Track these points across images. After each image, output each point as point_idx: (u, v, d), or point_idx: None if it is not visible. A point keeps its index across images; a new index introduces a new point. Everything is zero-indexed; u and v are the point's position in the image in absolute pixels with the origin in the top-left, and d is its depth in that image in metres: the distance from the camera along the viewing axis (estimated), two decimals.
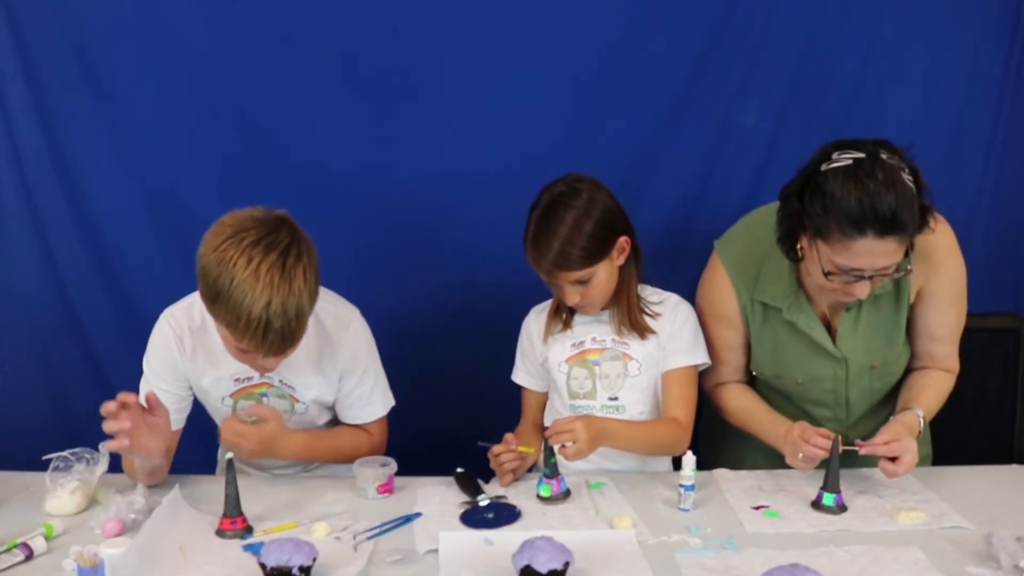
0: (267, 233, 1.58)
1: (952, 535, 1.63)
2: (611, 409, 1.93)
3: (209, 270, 1.57)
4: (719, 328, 1.96)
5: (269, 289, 1.53)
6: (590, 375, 1.94)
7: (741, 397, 1.98)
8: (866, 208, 1.59)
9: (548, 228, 1.81)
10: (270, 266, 1.54)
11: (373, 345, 1.92)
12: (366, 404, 1.93)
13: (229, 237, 1.57)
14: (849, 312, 1.87)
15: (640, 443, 1.91)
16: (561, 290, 1.87)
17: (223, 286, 1.54)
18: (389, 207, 2.43)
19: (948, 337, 1.92)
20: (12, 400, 2.48)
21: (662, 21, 2.36)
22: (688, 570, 1.51)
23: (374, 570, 1.52)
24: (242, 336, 1.58)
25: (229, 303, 1.55)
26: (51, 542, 1.58)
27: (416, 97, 2.37)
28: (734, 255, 1.92)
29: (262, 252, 1.55)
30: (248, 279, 1.53)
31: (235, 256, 1.54)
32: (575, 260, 1.81)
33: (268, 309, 1.54)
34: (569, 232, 1.79)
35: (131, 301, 2.46)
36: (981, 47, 2.40)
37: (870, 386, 1.94)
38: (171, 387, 1.83)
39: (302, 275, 1.58)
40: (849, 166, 1.63)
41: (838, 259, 1.66)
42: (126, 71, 2.34)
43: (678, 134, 2.43)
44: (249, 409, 1.78)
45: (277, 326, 1.56)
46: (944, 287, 1.86)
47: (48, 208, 2.40)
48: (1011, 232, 2.50)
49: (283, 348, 1.62)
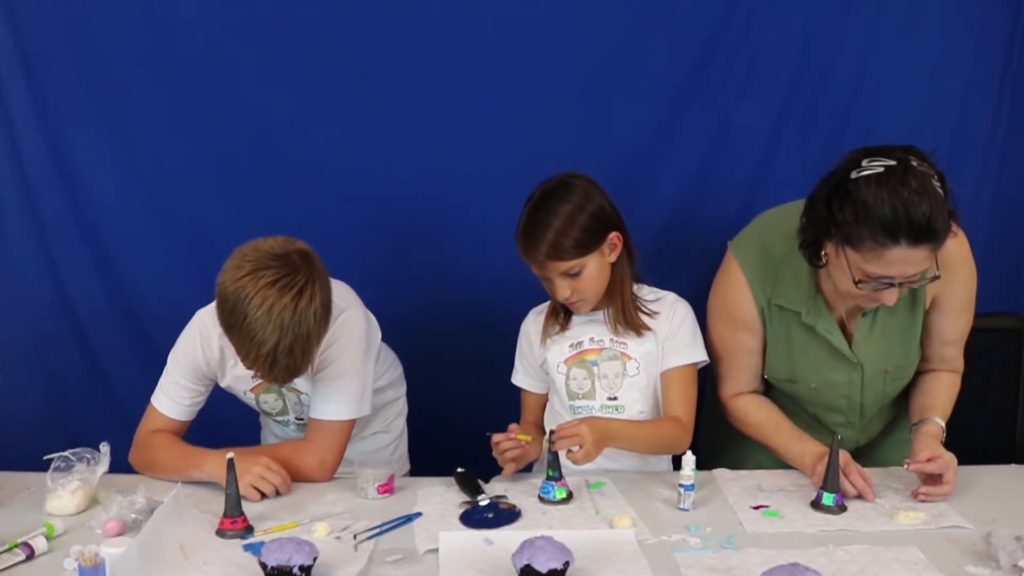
0: (284, 274, 1.63)
1: (951, 535, 1.63)
2: (610, 409, 1.94)
3: (226, 299, 1.63)
4: (737, 333, 1.93)
5: (279, 331, 1.60)
6: (589, 375, 1.94)
7: (763, 409, 1.96)
8: (900, 217, 1.57)
9: (540, 219, 1.83)
10: (282, 308, 1.60)
11: (360, 346, 1.88)
12: (324, 400, 1.87)
13: (248, 273, 1.62)
14: (865, 317, 1.86)
15: (643, 443, 1.91)
16: (551, 283, 1.87)
17: (237, 319, 1.61)
18: (389, 206, 2.43)
19: (959, 340, 1.93)
20: (13, 400, 2.48)
21: (662, 21, 2.36)
22: (688, 570, 1.51)
23: (374, 570, 1.52)
24: (250, 365, 1.67)
25: (240, 336, 1.62)
26: (52, 542, 1.58)
27: (416, 97, 2.37)
28: (752, 257, 1.90)
29: (276, 294, 1.60)
30: (260, 318, 1.59)
31: (251, 294, 1.60)
32: (566, 250, 1.82)
33: (276, 349, 1.61)
34: (562, 223, 1.82)
35: (131, 301, 2.46)
36: (980, 48, 2.40)
37: (883, 390, 1.94)
38: (188, 383, 1.89)
39: (313, 316, 1.63)
40: (881, 174, 1.61)
41: (869, 267, 1.64)
42: (127, 71, 2.34)
43: (678, 134, 2.43)
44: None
45: (283, 364, 1.63)
46: (960, 295, 1.86)
47: (48, 208, 2.40)
48: (1011, 232, 2.50)
49: (287, 380, 1.70)
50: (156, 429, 1.90)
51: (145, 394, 1.93)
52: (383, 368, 2.07)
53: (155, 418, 1.91)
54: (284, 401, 1.96)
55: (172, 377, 1.90)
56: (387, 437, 2.15)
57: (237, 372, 1.88)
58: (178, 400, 1.90)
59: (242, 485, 1.67)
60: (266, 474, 1.77)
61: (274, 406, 1.97)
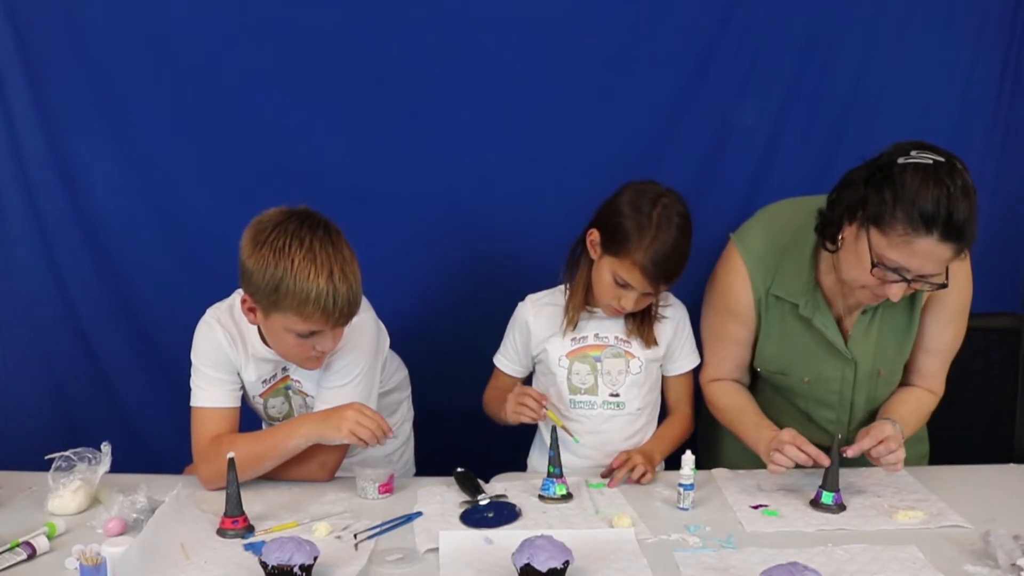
0: (305, 219, 1.68)
1: (950, 534, 1.64)
2: (612, 405, 1.95)
3: (262, 264, 1.65)
4: (728, 322, 1.95)
5: (328, 261, 1.64)
6: (592, 371, 1.95)
7: (735, 396, 1.98)
8: (942, 209, 1.58)
9: (676, 245, 1.83)
10: (321, 242, 1.65)
11: (369, 349, 1.87)
12: (328, 401, 1.84)
13: (273, 230, 1.66)
14: (864, 315, 1.86)
15: (669, 449, 1.98)
16: (625, 296, 1.87)
17: (284, 272, 1.63)
18: (390, 207, 2.43)
19: (940, 354, 1.92)
20: (14, 400, 2.48)
21: (662, 21, 2.36)
22: (687, 569, 1.51)
23: (374, 569, 1.52)
24: (312, 313, 1.65)
25: (295, 287, 1.63)
26: (53, 541, 1.58)
27: (417, 97, 2.37)
28: (754, 246, 1.90)
29: (309, 232, 1.65)
30: (307, 257, 1.63)
31: (287, 242, 1.64)
32: (674, 279, 1.87)
33: (332, 279, 1.64)
34: (685, 254, 1.85)
35: (131, 301, 2.46)
36: (979, 47, 2.40)
37: (875, 392, 1.94)
38: (230, 376, 1.86)
39: (345, 246, 1.70)
40: (929, 166, 1.61)
41: (891, 253, 1.64)
42: (128, 71, 2.34)
43: (678, 134, 2.43)
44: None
45: (343, 291, 1.65)
46: (951, 300, 1.85)
47: (49, 208, 2.40)
48: (1011, 232, 2.50)
49: (350, 314, 1.70)
50: (214, 434, 1.81)
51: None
52: (389, 372, 2.07)
53: (205, 420, 1.82)
54: (290, 404, 1.95)
55: (204, 374, 1.84)
56: (394, 443, 2.13)
57: (249, 377, 1.87)
58: (220, 390, 1.84)
59: (344, 435, 1.72)
60: (361, 419, 1.73)
61: (281, 410, 1.95)
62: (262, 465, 1.80)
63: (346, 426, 1.73)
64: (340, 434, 1.73)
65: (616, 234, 1.84)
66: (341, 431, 1.73)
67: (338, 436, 1.74)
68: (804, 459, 1.73)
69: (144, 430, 2.49)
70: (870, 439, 1.75)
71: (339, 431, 1.73)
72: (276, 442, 1.79)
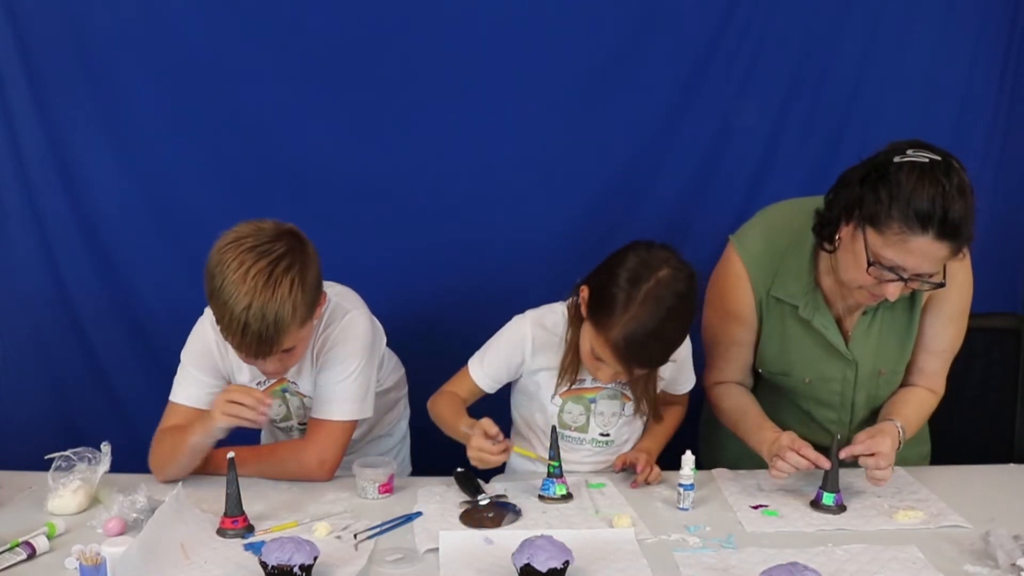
0: (264, 242, 1.66)
1: (950, 534, 1.64)
2: (600, 444, 1.92)
3: (209, 268, 1.67)
4: (729, 325, 1.94)
5: (251, 293, 1.62)
6: (585, 411, 1.90)
7: (738, 398, 1.97)
8: (937, 207, 1.58)
9: (658, 329, 1.65)
10: (257, 272, 1.63)
11: (364, 347, 1.86)
12: (325, 400, 1.85)
13: (231, 242, 1.67)
14: (865, 316, 1.86)
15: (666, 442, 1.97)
16: (601, 369, 1.75)
17: (216, 285, 1.64)
18: (390, 207, 2.43)
19: (942, 354, 1.92)
20: (14, 400, 2.48)
21: (662, 22, 2.36)
22: (687, 569, 1.51)
23: (374, 569, 1.52)
24: (226, 333, 1.67)
25: (218, 302, 1.65)
26: (53, 541, 1.58)
27: (416, 97, 2.37)
28: (753, 248, 1.90)
29: (253, 258, 1.64)
30: (236, 281, 1.62)
31: (230, 259, 1.64)
32: (656, 365, 1.77)
33: (248, 311, 1.62)
34: (671, 341, 1.70)
35: (131, 301, 2.46)
36: (979, 48, 2.41)
37: (876, 392, 1.94)
38: (211, 379, 1.87)
39: (288, 285, 1.64)
40: (925, 164, 1.61)
41: (887, 252, 1.64)
42: (127, 71, 2.34)
43: (678, 134, 2.43)
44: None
45: (254, 328, 1.62)
46: (951, 300, 1.85)
47: (49, 208, 2.40)
48: (1011, 232, 2.51)
49: (260, 351, 1.67)
50: (172, 425, 1.85)
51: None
52: (386, 372, 2.07)
53: (171, 414, 1.86)
54: (288, 406, 1.96)
55: (187, 371, 1.87)
56: (390, 441, 2.15)
57: (243, 380, 1.88)
58: (197, 390, 1.86)
59: (219, 421, 1.71)
60: (229, 398, 1.72)
61: (278, 411, 1.96)
62: (176, 461, 1.81)
63: (216, 411, 1.73)
64: (215, 422, 1.73)
65: (601, 300, 1.68)
66: (215, 419, 1.73)
67: (216, 424, 1.74)
68: (805, 464, 1.73)
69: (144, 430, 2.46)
70: (863, 448, 1.74)
71: (213, 420, 1.73)
72: (183, 437, 1.79)
